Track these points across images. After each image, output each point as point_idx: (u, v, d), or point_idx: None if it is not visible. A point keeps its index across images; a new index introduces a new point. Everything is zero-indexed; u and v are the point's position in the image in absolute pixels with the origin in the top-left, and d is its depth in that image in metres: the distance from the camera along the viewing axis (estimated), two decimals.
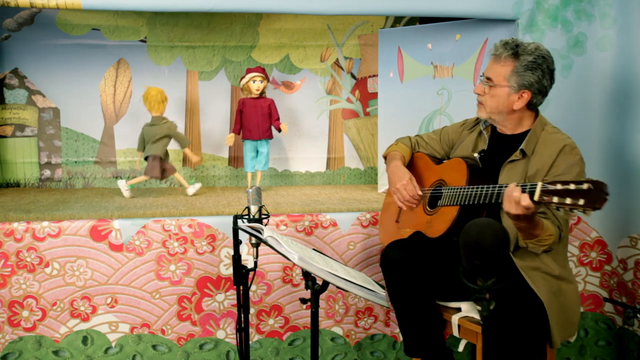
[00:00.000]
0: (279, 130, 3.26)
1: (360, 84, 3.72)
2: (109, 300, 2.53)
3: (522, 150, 1.98)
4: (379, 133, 3.38)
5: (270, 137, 3.30)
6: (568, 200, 1.50)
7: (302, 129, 3.69)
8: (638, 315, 2.32)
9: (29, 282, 2.47)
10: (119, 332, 2.55)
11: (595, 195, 1.47)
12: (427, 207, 2.17)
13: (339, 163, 3.75)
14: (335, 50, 3.66)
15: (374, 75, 3.67)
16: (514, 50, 1.96)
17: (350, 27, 3.63)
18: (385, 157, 2.41)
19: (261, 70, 3.25)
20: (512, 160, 2.00)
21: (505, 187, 1.73)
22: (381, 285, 2.07)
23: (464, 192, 1.95)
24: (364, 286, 1.92)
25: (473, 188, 1.91)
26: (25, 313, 2.49)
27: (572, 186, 1.50)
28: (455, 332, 2.05)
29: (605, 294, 2.74)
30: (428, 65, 3.09)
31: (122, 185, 3.08)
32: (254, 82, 3.22)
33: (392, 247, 2.15)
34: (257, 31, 3.57)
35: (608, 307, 2.76)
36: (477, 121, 2.24)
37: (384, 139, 3.32)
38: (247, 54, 3.58)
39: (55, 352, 2.52)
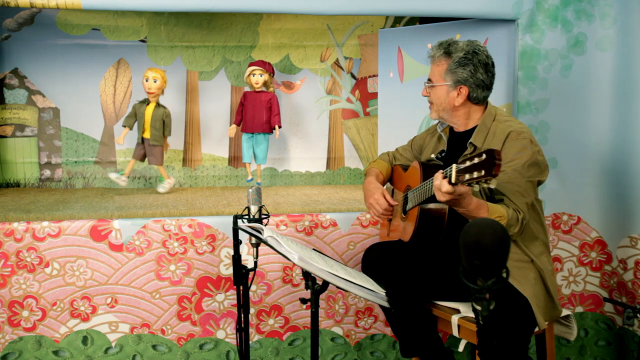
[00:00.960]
0: (274, 127, 3.26)
1: (360, 84, 3.72)
2: (109, 300, 2.53)
3: (471, 143, 2.01)
4: (379, 133, 3.38)
5: (268, 131, 3.31)
6: (475, 174, 1.54)
7: (302, 129, 3.70)
8: (638, 315, 2.32)
9: (29, 282, 2.47)
10: (119, 332, 2.55)
11: (489, 163, 1.50)
12: (402, 214, 2.20)
13: (339, 163, 3.75)
14: (335, 50, 3.66)
15: (374, 75, 3.67)
16: (446, 49, 2.03)
17: (350, 27, 3.63)
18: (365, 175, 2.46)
19: (261, 63, 3.27)
20: (465, 155, 2.01)
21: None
22: (381, 285, 2.07)
23: (417, 191, 1.99)
24: (364, 286, 1.92)
25: (422, 185, 1.95)
26: (25, 313, 2.49)
27: (475, 160, 1.54)
28: (455, 333, 2.05)
29: (605, 294, 2.74)
30: (428, 65, 3.09)
31: (115, 177, 3.16)
32: (253, 75, 3.24)
33: (370, 250, 2.24)
34: (257, 31, 3.57)
35: (608, 307, 2.76)
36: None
37: (384, 139, 3.32)
38: (247, 54, 3.59)
39: (55, 352, 2.52)
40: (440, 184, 1.69)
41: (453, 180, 1.64)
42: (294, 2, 2.54)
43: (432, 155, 2.18)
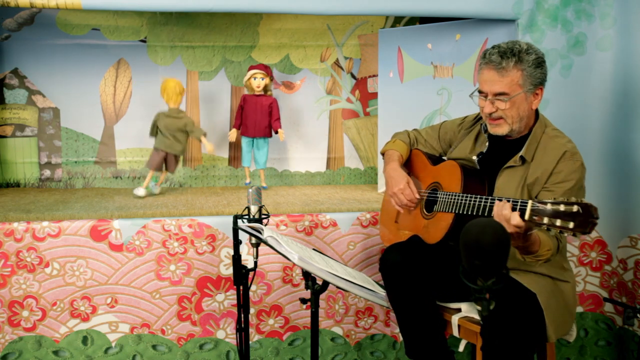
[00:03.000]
0: (276, 131, 3.27)
1: (360, 84, 3.72)
2: (109, 300, 2.53)
3: (521, 157, 1.96)
4: (379, 133, 3.38)
5: (269, 135, 3.30)
6: (558, 222, 1.48)
7: (302, 129, 3.69)
8: (638, 315, 2.32)
9: (29, 282, 2.47)
10: (119, 332, 2.55)
11: (584, 220, 1.44)
12: (424, 211, 2.15)
13: (339, 163, 3.75)
14: (335, 50, 3.66)
15: (374, 75, 3.67)
16: (517, 56, 1.90)
17: (350, 27, 3.63)
18: (383, 154, 2.39)
19: (263, 67, 3.26)
20: (510, 166, 1.97)
21: (493, 200, 1.74)
22: (381, 285, 2.07)
23: (458, 200, 1.93)
24: (364, 286, 1.92)
25: (468, 197, 1.89)
26: (25, 313, 2.49)
27: (562, 207, 1.48)
28: (456, 333, 2.05)
29: (605, 294, 2.74)
30: (428, 65, 3.09)
31: (141, 192, 3.02)
32: (254, 79, 3.24)
33: (391, 251, 2.13)
34: (257, 31, 3.57)
35: (608, 307, 2.76)
36: (476, 120, 2.21)
37: (384, 139, 3.31)
38: (247, 54, 3.58)
39: (55, 352, 2.52)
40: (510, 216, 1.62)
41: (526, 217, 1.58)
42: (294, 2, 2.54)
43: (474, 158, 2.07)
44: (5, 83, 3.42)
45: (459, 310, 2.09)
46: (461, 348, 2.10)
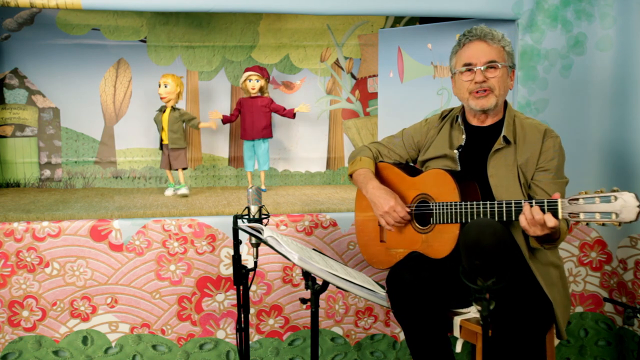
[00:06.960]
0: (293, 114, 3.28)
1: (360, 84, 3.72)
2: (109, 300, 2.53)
3: (504, 137, 1.97)
4: (379, 133, 3.38)
5: (268, 136, 3.29)
6: (598, 216, 1.50)
7: (302, 129, 3.70)
8: (638, 315, 2.32)
9: (29, 282, 2.47)
10: (119, 332, 2.55)
11: (628, 209, 1.46)
12: (417, 225, 2.04)
13: (339, 163, 3.75)
14: (335, 50, 3.66)
15: (374, 75, 3.67)
16: (495, 36, 1.99)
17: (350, 27, 3.64)
18: (351, 175, 2.27)
19: (258, 69, 3.25)
20: (497, 150, 1.97)
21: (507, 204, 1.74)
22: (381, 285, 2.07)
23: (461, 209, 1.87)
24: (364, 286, 1.92)
25: (472, 205, 1.84)
26: (25, 313, 2.49)
27: (597, 200, 1.49)
28: (456, 333, 2.05)
29: (605, 294, 2.74)
30: (428, 65, 3.09)
31: (169, 192, 3.18)
32: (249, 81, 3.24)
33: (397, 272, 2.01)
34: (257, 31, 3.57)
35: (608, 307, 2.76)
36: (443, 118, 2.19)
37: None
38: (247, 54, 3.59)
39: (55, 352, 2.52)
40: (545, 219, 1.63)
41: (560, 216, 1.60)
42: (294, 2, 2.54)
43: (455, 152, 2.06)
44: (5, 83, 3.42)
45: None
46: (458, 348, 2.09)
